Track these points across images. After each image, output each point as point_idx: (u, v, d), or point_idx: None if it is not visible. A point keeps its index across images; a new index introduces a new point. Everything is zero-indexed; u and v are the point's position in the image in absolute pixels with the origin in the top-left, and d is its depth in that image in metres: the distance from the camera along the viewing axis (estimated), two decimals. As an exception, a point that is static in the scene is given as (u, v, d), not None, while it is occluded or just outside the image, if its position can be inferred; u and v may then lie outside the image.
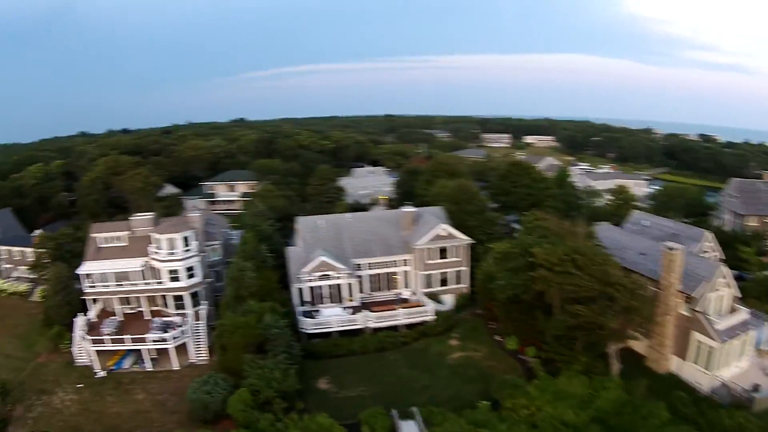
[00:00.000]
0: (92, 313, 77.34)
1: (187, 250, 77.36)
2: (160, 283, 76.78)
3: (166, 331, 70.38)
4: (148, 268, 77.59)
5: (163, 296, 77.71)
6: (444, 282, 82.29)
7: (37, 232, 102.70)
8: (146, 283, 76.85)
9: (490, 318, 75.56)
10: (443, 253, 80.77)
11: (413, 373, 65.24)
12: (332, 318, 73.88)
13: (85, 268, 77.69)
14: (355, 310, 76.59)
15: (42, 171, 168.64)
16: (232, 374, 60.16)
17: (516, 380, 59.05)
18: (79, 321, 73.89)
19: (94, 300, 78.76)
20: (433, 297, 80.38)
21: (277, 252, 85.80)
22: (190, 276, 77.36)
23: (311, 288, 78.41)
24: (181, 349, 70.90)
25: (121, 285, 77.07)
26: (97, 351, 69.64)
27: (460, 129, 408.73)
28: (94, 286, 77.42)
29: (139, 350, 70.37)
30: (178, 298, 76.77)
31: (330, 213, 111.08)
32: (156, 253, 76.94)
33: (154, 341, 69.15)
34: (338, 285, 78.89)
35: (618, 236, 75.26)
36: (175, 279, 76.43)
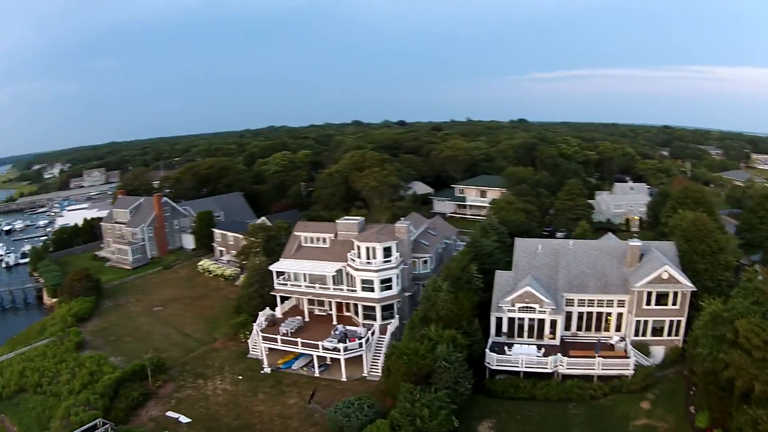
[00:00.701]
0: (278, 309, 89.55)
1: (387, 261, 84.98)
2: (353, 291, 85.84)
3: (343, 341, 78.50)
4: (344, 273, 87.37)
5: (355, 304, 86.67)
6: (658, 331, 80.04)
7: (260, 220, 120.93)
8: (337, 289, 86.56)
9: (695, 383, 70.61)
10: (662, 298, 78.77)
11: (584, 435, 64.51)
12: (520, 357, 75.23)
13: (279, 264, 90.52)
14: (553, 349, 77.15)
15: (287, 159, 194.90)
16: (393, 399, 65.31)
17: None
18: (261, 315, 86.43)
19: (284, 297, 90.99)
20: (642, 347, 78.71)
21: (492, 273, 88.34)
22: (386, 288, 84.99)
23: (510, 319, 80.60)
24: (358, 360, 78.52)
25: (312, 287, 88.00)
26: (268, 348, 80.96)
27: (730, 147, 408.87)
28: (285, 284, 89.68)
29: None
30: (370, 309, 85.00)
31: (573, 231, 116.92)
32: (353, 260, 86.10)
33: (326, 349, 77.78)
34: (540, 320, 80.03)
35: None
36: (368, 289, 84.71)
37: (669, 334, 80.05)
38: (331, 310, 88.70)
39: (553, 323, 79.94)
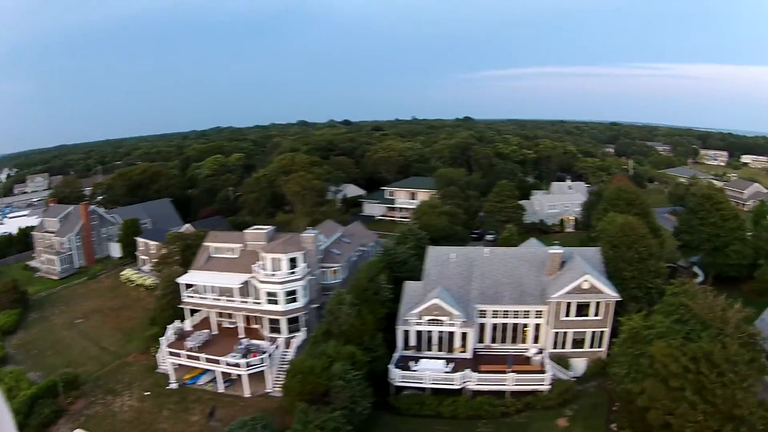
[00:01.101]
0: (188, 322, 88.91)
1: (292, 273, 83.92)
2: (258, 303, 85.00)
3: (245, 356, 77.87)
4: (251, 286, 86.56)
5: (261, 317, 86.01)
6: (579, 343, 76.84)
7: (183, 227, 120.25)
8: (243, 302, 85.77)
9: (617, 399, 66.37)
10: (583, 309, 74.83)
11: (494, 455, 62.31)
12: (425, 372, 71.72)
13: (187, 277, 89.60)
14: (464, 363, 74.23)
15: (219, 163, 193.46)
16: (292, 418, 64.14)
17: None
18: (170, 328, 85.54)
19: (194, 310, 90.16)
20: (562, 360, 76.10)
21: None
22: (291, 300, 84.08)
23: (418, 332, 77.39)
24: (263, 375, 77.69)
25: (219, 299, 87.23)
26: (176, 362, 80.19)
27: (678, 143, 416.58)
28: (192, 296, 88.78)
29: (216, 369, 79.28)
30: (275, 322, 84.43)
31: (500, 234, 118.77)
32: (258, 271, 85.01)
33: (228, 365, 77.09)
34: (450, 332, 76.73)
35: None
36: (272, 302, 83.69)
37: (591, 346, 76.92)
38: (239, 323, 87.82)
39: (464, 336, 76.99)
